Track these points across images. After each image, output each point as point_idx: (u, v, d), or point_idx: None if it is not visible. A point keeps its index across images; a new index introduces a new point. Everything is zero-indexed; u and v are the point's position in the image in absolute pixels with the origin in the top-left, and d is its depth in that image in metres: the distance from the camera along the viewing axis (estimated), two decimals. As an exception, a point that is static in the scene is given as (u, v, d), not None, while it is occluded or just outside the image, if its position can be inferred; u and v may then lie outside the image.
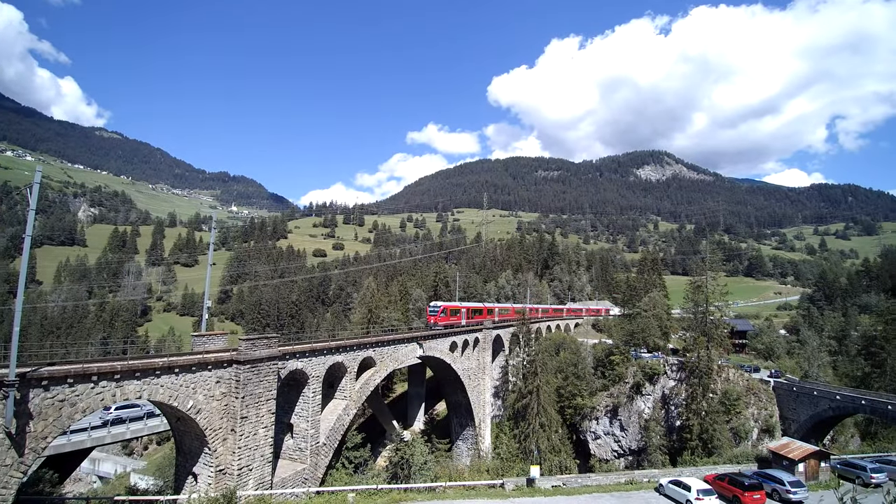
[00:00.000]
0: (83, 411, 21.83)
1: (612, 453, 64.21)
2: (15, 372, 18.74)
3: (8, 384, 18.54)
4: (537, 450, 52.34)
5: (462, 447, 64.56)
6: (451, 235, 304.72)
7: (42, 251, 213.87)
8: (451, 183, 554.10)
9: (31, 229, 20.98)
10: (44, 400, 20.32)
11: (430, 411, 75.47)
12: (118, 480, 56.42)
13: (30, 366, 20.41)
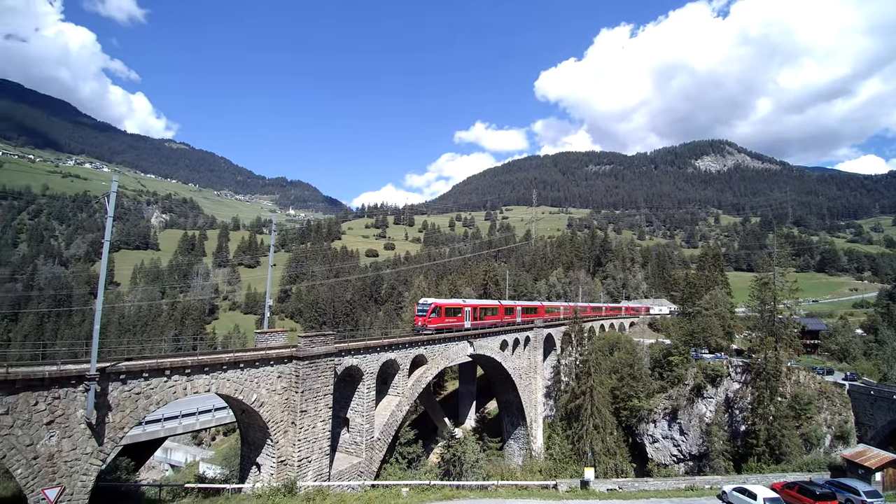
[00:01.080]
0: (157, 403, 23.54)
1: (671, 458, 61.92)
2: (96, 367, 20.42)
3: (89, 378, 20.21)
4: (591, 451, 51.45)
5: (514, 446, 64.39)
6: (499, 234, 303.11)
7: (119, 255, 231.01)
8: (500, 181, 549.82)
9: (109, 235, 22.86)
10: (121, 393, 22.04)
11: (482, 409, 75.75)
12: (188, 469, 60.24)
13: (109, 361, 22.07)
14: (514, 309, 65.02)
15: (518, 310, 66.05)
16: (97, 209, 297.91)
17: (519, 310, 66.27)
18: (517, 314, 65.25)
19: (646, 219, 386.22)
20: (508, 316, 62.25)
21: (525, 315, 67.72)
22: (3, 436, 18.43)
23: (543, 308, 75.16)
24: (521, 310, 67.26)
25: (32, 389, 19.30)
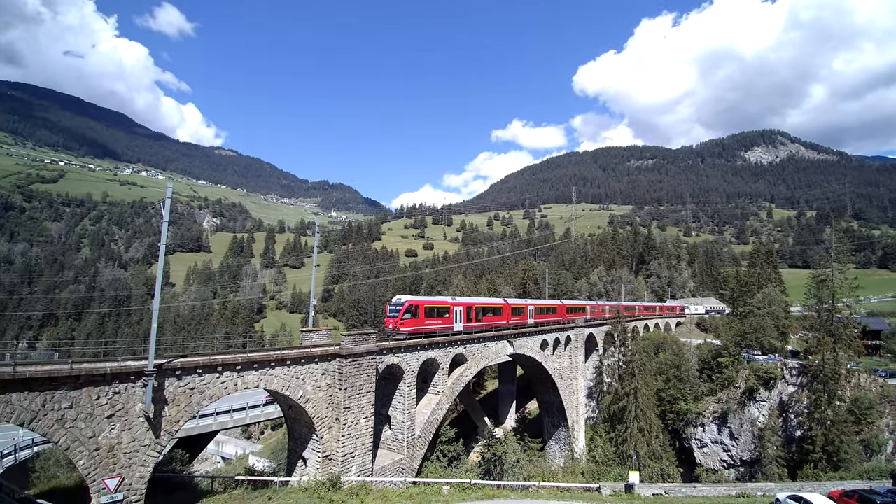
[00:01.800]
0: (210, 398, 24.69)
1: (721, 463, 59.54)
2: (153, 363, 21.61)
3: (147, 374, 21.41)
4: (636, 455, 50.14)
5: (555, 447, 63.58)
6: (538, 232, 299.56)
7: (174, 258, 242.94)
8: (538, 178, 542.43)
9: (165, 239, 24.28)
10: (177, 388, 23.24)
11: (522, 409, 75.13)
12: (238, 461, 62.71)
13: (165, 358, 23.30)
14: (525, 309, 55.86)
15: (529, 310, 56.67)
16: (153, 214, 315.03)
17: (531, 309, 56.92)
18: (528, 315, 56.18)
19: (692, 214, 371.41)
20: (517, 317, 53.71)
21: (540, 316, 59.08)
22: (67, 428, 19.75)
23: (563, 308, 65.66)
24: (535, 309, 57.87)
25: (95, 385, 20.59)
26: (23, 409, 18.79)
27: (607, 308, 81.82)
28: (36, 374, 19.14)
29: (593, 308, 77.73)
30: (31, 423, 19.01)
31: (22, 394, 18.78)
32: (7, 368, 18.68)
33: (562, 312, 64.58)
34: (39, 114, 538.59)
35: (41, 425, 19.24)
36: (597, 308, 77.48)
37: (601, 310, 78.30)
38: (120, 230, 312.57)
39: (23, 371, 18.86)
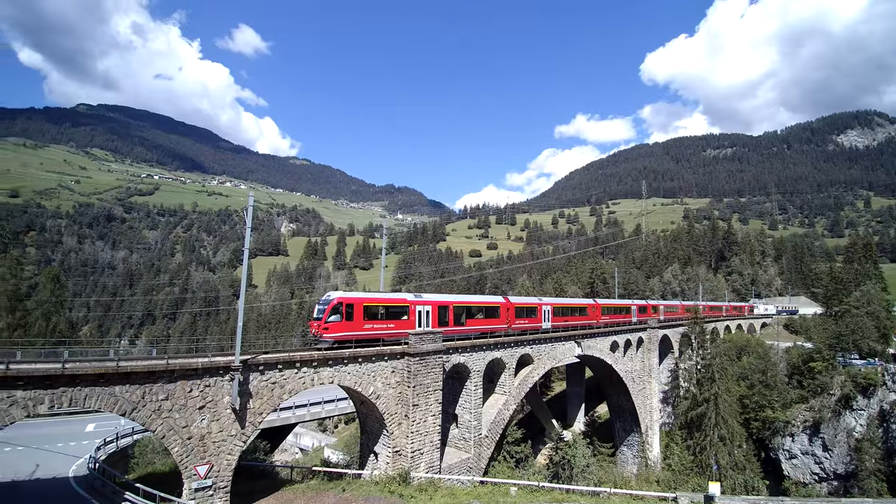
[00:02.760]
0: (289, 392, 26.29)
1: (812, 476, 54.68)
2: (239, 359, 23.46)
3: (234, 368, 23.27)
4: (716, 465, 47.12)
5: (627, 453, 61.16)
6: (606, 229, 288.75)
7: (256, 261, 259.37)
8: (605, 174, 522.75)
9: (248, 244, 27.08)
10: (260, 382, 24.92)
11: (591, 413, 72.93)
12: (314, 453, 65.79)
13: (250, 354, 25.00)
14: (537, 309, 45.96)
15: (545, 311, 46.63)
16: (237, 222, 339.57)
17: (546, 311, 46.85)
18: (543, 317, 46.33)
19: (778, 206, 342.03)
20: (525, 320, 44.19)
21: (562, 318, 49.17)
22: (163, 418, 21.80)
23: (599, 308, 55.46)
24: (552, 310, 47.80)
25: (187, 378, 22.59)
26: (125, 400, 20.96)
27: (721, 308, 77.06)
28: (136, 368, 21.29)
29: (705, 308, 72.16)
30: (132, 413, 21.16)
31: (124, 386, 20.96)
32: (111, 363, 20.93)
33: (595, 314, 54.43)
34: (136, 133, 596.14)
35: (140, 415, 21.37)
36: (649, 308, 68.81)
37: (652, 309, 69.42)
38: (208, 237, 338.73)
39: (125, 366, 21.05)
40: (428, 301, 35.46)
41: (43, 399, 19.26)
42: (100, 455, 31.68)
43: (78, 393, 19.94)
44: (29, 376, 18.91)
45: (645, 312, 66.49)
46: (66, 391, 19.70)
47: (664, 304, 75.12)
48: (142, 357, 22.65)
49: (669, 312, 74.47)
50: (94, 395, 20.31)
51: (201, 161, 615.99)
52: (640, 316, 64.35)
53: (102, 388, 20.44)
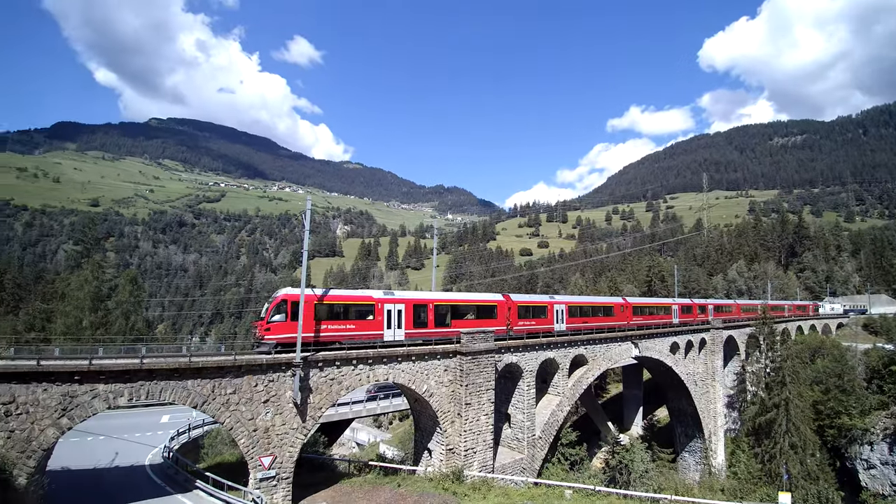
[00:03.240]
0: (347, 388, 27.21)
1: (892, 488, 50.20)
2: (300, 356, 24.51)
3: (295, 365, 24.36)
4: (787, 474, 44.21)
5: (689, 460, 58.50)
6: (664, 225, 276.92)
7: (314, 262, 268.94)
8: (661, 167, 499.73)
9: (307, 246, 28.33)
10: (319, 378, 25.96)
11: (650, 416, 70.34)
12: (370, 448, 67.48)
13: (309, 351, 25.97)
14: (547, 309, 40.73)
15: (557, 311, 41.35)
16: (296, 225, 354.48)
17: (560, 311, 41.53)
18: (556, 318, 41.06)
19: (855, 196, 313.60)
20: (531, 321, 39.22)
21: (581, 320, 43.90)
22: (231, 411, 23.18)
23: (629, 308, 50.04)
24: (567, 310, 42.22)
25: (253, 374, 23.90)
26: (196, 394, 22.45)
27: (786, 307, 70.80)
28: (207, 364, 22.76)
29: (775, 307, 65.21)
30: (203, 405, 22.62)
31: (196, 380, 22.47)
32: (184, 359, 22.49)
33: (624, 314, 49.33)
34: (203, 144, 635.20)
35: (210, 408, 22.80)
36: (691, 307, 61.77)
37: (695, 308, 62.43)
38: (270, 240, 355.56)
39: (196, 361, 22.56)
40: (400, 299, 30.98)
41: (123, 392, 20.96)
42: (173, 445, 33.97)
43: (154, 386, 21.57)
44: (110, 371, 20.66)
45: (689, 313, 60.36)
46: (144, 385, 21.36)
47: (714, 304, 67.76)
48: (211, 353, 24.15)
49: (721, 313, 67.43)
50: (169, 388, 21.90)
51: (262, 168, 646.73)
52: (683, 317, 58.30)
53: (176, 382, 22.02)
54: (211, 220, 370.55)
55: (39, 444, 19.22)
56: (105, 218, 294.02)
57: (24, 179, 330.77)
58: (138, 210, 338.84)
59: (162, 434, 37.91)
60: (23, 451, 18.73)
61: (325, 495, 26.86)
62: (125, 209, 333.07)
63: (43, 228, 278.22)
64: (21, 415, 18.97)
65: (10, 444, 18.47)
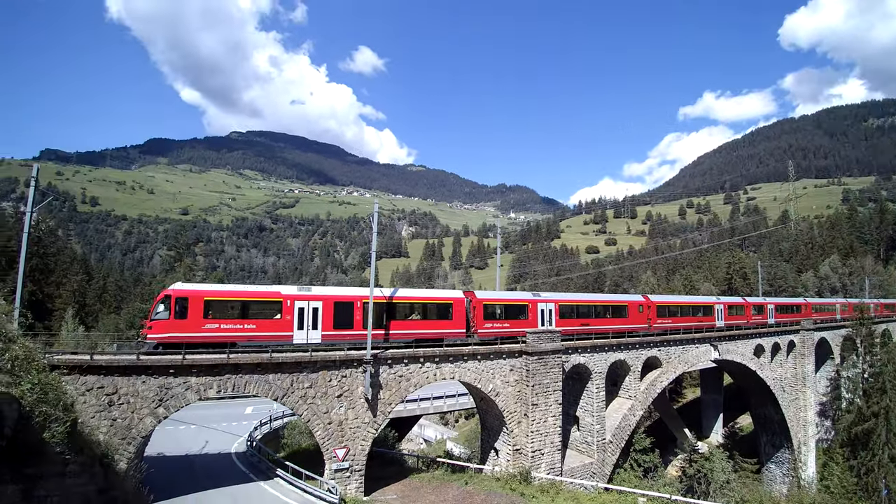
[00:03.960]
0: (415, 385, 28.04)
1: None
2: (370, 353, 25.61)
3: (366, 362, 25.50)
4: (886, 489, 40.07)
5: (775, 471, 54.32)
6: (744, 218, 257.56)
7: (381, 263, 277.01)
8: (740, 156, 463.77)
9: (374, 247, 29.42)
10: (389, 375, 26.99)
11: (731, 424, 65.91)
12: (437, 444, 68.50)
13: (379, 349, 27.11)
14: (528, 308, 34.82)
15: (543, 311, 35.42)
16: (364, 227, 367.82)
17: (546, 311, 35.64)
18: (541, 319, 35.09)
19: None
20: (504, 323, 33.44)
21: (579, 322, 37.64)
22: (308, 404, 24.67)
23: (652, 308, 42.80)
24: (556, 310, 36.27)
25: (328, 369, 25.27)
26: (277, 387, 24.09)
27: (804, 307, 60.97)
28: (286, 359, 24.36)
29: (878, 306, 55.04)
30: (283, 398, 24.25)
31: (276, 374, 24.14)
32: (265, 355, 24.10)
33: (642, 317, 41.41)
34: (278, 154, 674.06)
35: (289, 401, 24.39)
36: (879, 306, 54.78)
37: (756, 307, 54.61)
38: (340, 242, 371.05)
39: (277, 357, 24.19)
40: (316, 296, 27.17)
41: (212, 384, 22.94)
42: (256, 435, 36.38)
43: (240, 379, 23.41)
44: (201, 365, 22.68)
45: (739, 314, 51.58)
46: (231, 378, 23.23)
47: (776, 303, 57.99)
48: (290, 350, 25.66)
49: (786, 314, 57.97)
50: (253, 381, 23.66)
51: (332, 174, 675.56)
52: (731, 319, 50.30)
53: (259, 376, 23.76)
54: (287, 225, 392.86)
55: (138, 432, 21.42)
56: (194, 225, 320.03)
57: (122, 192, 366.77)
58: (223, 217, 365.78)
59: (246, 424, 40.49)
60: (123, 438, 20.95)
61: (396, 489, 27.73)
62: (211, 217, 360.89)
63: (140, 236, 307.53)
64: (122, 405, 21.25)
65: (112, 431, 20.70)
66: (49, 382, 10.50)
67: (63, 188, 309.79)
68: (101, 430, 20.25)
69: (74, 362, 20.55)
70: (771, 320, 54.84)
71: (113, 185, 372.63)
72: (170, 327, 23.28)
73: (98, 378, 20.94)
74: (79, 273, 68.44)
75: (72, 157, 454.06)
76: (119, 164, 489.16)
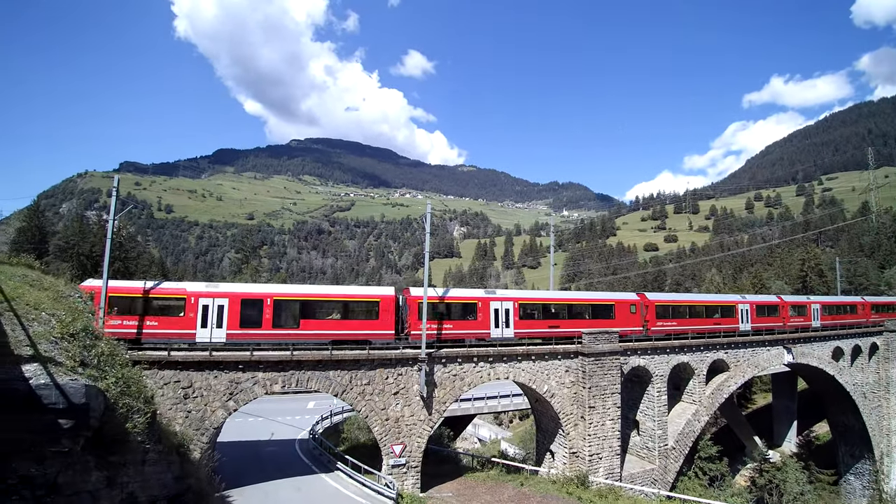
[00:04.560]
0: (469, 385, 28.28)
1: None
2: (424, 352, 26.13)
3: (421, 360, 26.07)
4: None
5: (854, 483, 50.04)
6: (819, 210, 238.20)
7: (434, 263, 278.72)
8: (814, 143, 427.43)
9: (427, 248, 29.76)
10: (443, 373, 27.40)
11: (806, 432, 61.45)
12: (491, 444, 68.19)
13: (433, 348, 27.53)
14: (478, 307, 30.51)
15: (499, 311, 30.95)
16: (417, 228, 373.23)
17: (502, 311, 31.15)
18: (494, 321, 30.66)
19: None
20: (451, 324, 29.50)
21: (546, 323, 32.63)
22: (366, 400, 25.51)
23: (650, 307, 37.27)
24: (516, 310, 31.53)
25: (384, 367, 26.01)
26: (337, 383, 25.04)
27: (862, 307, 53.04)
28: (345, 357, 25.32)
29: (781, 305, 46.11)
30: (342, 394, 25.20)
31: (336, 371, 25.11)
32: (326, 352, 25.15)
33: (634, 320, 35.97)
34: (335, 159, 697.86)
35: (348, 396, 25.30)
36: (782, 308, 46.16)
37: (830, 311, 49.18)
38: (394, 243, 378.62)
39: (336, 354, 25.22)
40: (222, 293, 25.82)
41: (277, 380, 24.24)
42: (318, 429, 37.88)
43: (302, 375, 24.57)
44: (267, 361, 24.04)
45: (771, 315, 45.01)
46: (294, 374, 24.44)
47: (823, 302, 50.57)
48: (349, 348, 26.46)
49: (836, 315, 50.56)
50: (314, 377, 24.76)
51: (385, 177, 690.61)
52: (761, 321, 43.74)
53: (320, 372, 24.83)
54: (343, 228, 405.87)
55: (211, 424, 22.95)
56: (259, 229, 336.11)
57: (194, 199, 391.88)
58: (285, 221, 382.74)
59: (308, 418, 42.40)
60: (197, 429, 22.51)
61: (451, 487, 28.02)
62: (274, 221, 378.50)
63: (210, 240, 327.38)
64: (196, 398, 22.86)
65: (187, 422, 22.31)
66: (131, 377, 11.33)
67: (141, 197, 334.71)
68: (178, 422, 21.88)
69: (153, 358, 22.36)
70: (816, 323, 47.92)
71: (185, 194, 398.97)
72: None
73: (174, 373, 22.67)
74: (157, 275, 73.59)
75: (148, 168, 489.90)
76: (190, 173, 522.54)
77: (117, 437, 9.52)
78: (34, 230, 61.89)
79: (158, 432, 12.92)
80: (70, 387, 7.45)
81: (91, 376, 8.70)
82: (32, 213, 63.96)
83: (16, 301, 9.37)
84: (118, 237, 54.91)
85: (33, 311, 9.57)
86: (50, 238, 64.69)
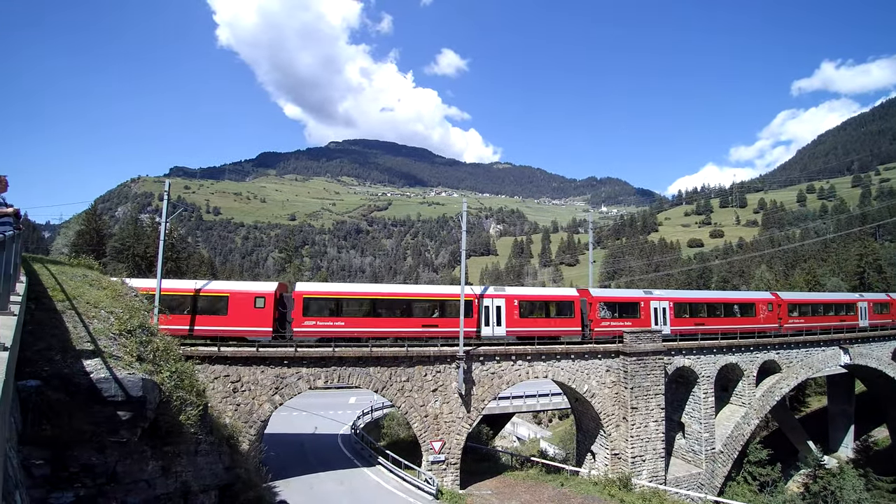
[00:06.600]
0: (507, 383, 28.23)
1: None
2: (462, 350, 26.29)
3: (458, 358, 26.22)
4: None
5: (922, 493, 46.83)
6: (877, 202, 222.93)
7: (471, 261, 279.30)
8: (870, 131, 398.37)
9: (464, 246, 29.93)
10: (481, 371, 27.46)
11: (864, 437, 57.87)
12: (530, 443, 67.68)
13: (472, 346, 27.71)
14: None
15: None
16: (453, 227, 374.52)
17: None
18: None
19: None
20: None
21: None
22: (405, 396, 25.89)
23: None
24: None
25: (423, 364, 26.32)
26: (377, 380, 25.55)
27: None
28: (384, 354, 25.78)
29: None
30: (382, 390, 25.68)
31: (376, 368, 25.61)
32: (366, 349, 25.67)
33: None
34: (372, 160, 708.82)
35: (388, 393, 25.76)
36: None
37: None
38: (431, 242, 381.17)
39: (376, 351, 25.70)
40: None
41: (320, 375, 24.96)
42: (359, 423, 38.77)
43: (344, 371, 25.22)
44: (310, 357, 24.83)
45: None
46: (336, 370, 25.10)
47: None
48: (389, 345, 27.00)
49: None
50: (355, 373, 25.36)
51: (421, 176, 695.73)
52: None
53: (361, 369, 25.40)
54: (381, 227, 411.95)
55: (258, 417, 23.89)
56: (300, 229, 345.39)
57: (239, 202, 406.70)
58: (325, 221, 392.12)
59: (350, 413, 43.33)
60: (246, 422, 23.47)
61: (490, 485, 28.09)
62: (315, 221, 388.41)
63: (255, 240, 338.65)
64: (245, 392, 23.83)
65: (236, 415, 23.29)
66: (184, 371, 11.86)
67: (190, 200, 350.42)
68: (227, 414, 22.87)
69: (205, 353, 23.47)
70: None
71: (231, 196, 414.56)
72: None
73: (224, 367, 23.72)
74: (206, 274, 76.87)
75: (196, 172, 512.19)
76: (236, 176, 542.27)
77: (172, 428, 9.98)
78: (92, 233, 65.53)
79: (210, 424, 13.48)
80: (128, 380, 7.85)
81: (147, 370, 9.18)
82: (90, 216, 67.70)
83: (77, 300, 9.95)
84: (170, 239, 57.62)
85: (93, 309, 10.15)
86: (107, 240, 68.36)
